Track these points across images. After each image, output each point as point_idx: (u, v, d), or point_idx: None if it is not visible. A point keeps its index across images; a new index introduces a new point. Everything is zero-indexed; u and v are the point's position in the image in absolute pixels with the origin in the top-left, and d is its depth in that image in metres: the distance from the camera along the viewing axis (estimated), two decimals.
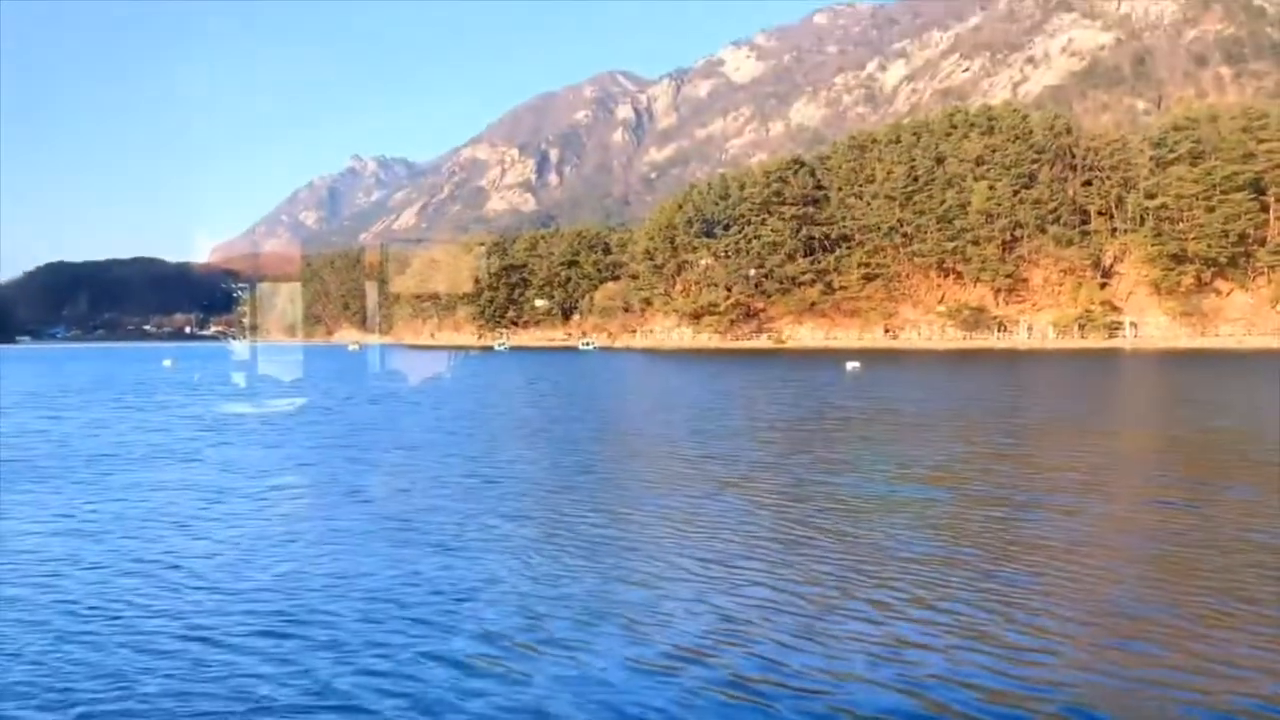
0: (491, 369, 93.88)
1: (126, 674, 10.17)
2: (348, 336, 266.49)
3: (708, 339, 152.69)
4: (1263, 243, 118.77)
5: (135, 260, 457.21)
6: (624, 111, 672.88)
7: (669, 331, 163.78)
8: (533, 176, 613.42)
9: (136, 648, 10.97)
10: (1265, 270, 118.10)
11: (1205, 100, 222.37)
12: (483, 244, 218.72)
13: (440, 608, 12.47)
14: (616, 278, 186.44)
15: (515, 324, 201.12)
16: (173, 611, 12.33)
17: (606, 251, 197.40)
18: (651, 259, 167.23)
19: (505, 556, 15.26)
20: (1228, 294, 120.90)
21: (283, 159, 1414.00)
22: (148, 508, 19.85)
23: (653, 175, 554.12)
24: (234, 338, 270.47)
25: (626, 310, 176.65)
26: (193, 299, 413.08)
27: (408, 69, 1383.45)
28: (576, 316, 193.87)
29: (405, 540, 16.51)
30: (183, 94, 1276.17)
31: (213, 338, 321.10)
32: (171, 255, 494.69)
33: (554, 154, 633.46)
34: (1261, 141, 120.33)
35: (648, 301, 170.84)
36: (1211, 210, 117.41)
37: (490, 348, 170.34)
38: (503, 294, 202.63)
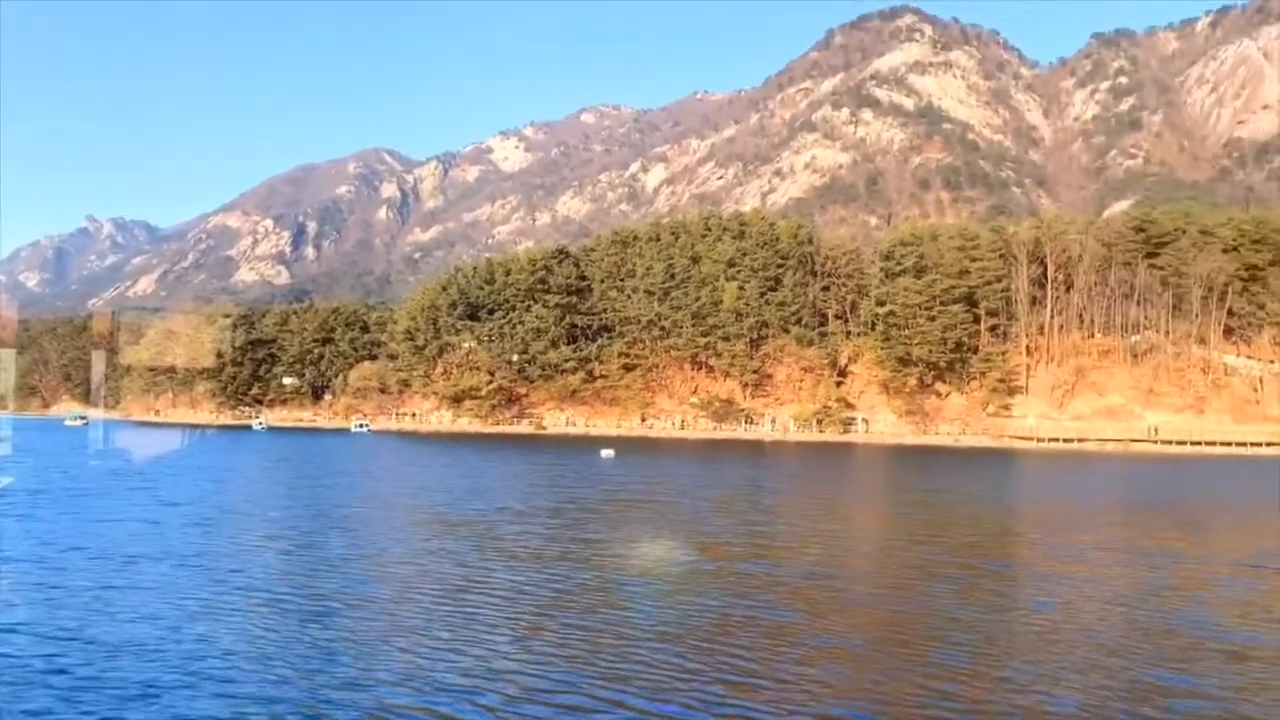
0: (262, 450, 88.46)
1: None
2: (68, 409, 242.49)
3: (468, 423, 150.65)
4: (975, 350, 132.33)
5: None
6: (389, 190, 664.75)
7: (427, 414, 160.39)
8: (288, 249, 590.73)
9: None
10: (978, 375, 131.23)
11: (928, 220, 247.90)
12: (228, 316, 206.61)
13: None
14: (374, 357, 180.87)
15: (260, 402, 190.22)
16: None
17: (364, 330, 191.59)
18: (412, 340, 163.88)
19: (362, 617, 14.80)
20: (946, 396, 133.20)
21: (4, 214, 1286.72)
22: None
23: (416, 255, 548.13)
24: None
25: (383, 391, 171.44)
26: None
27: (154, 127, 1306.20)
28: (329, 396, 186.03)
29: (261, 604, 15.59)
30: None
31: None
32: None
33: (312, 227, 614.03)
34: (974, 260, 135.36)
35: (406, 383, 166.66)
36: (932, 319, 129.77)
37: (248, 426, 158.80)
38: (248, 370, 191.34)
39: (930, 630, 16.12)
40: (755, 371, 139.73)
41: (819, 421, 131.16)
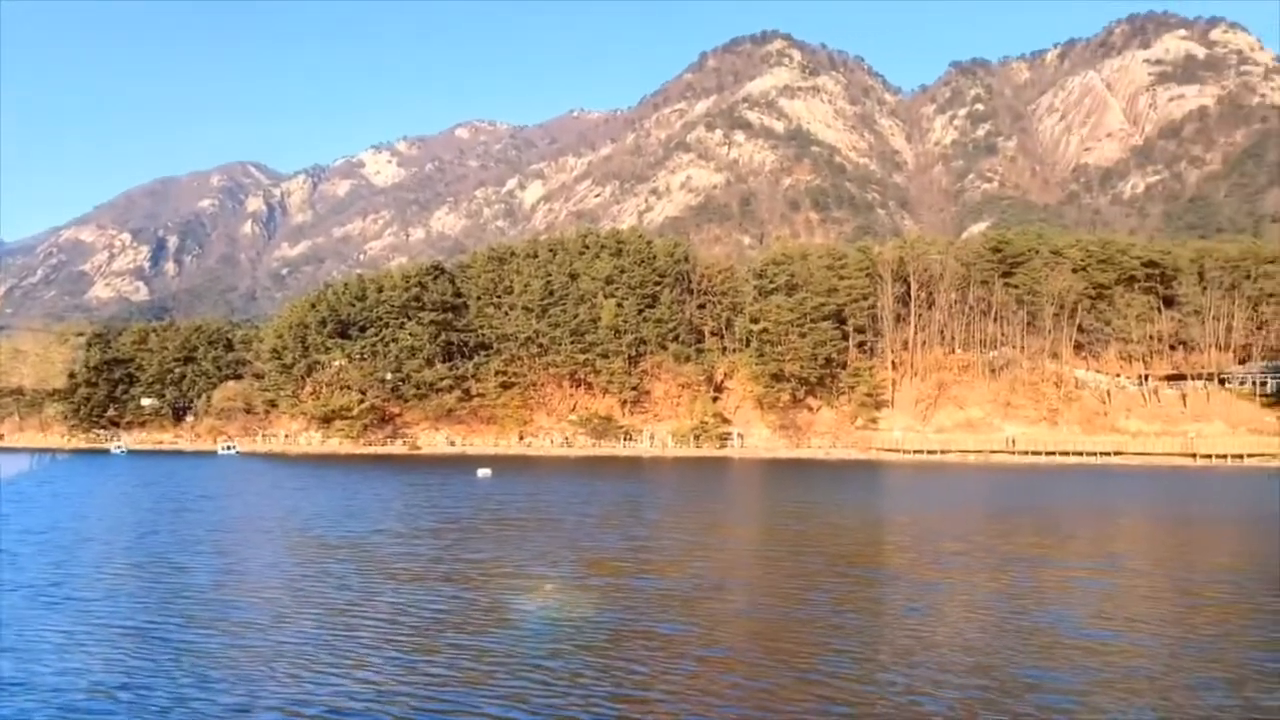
0: (123, 475, 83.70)
1: None
2: None
3: (338, 444, 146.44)
4: (844, 366, 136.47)
5: None
6: (255, 204, 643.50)
7: (296, 435, 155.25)
8: (147, 264, 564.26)
9: None
10: (847, 390, 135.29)
11: (798, 239, 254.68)
12: (81, 334, 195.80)
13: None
14: (239, 377, 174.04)
15: (116, 424, 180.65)
16: None
17: (229, 348, 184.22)
18: (280, 358, 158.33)
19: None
20: (817, 410, 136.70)
21: None
22: None
23: (284, 271, 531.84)
24: None
25: (249, 412, 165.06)
26: None
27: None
28: (190, 418, 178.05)
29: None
30: None
31: None
32: None
33: (173, 241, 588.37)
34: (842, 278, 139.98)
35: (273, 403, 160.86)
36: (803, 336, 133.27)
37: (105, 450, 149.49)
38: (103, 390, 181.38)
39: (814, 637, 16.64)
40: (634, 388, 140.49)
41: (696, 437, 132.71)
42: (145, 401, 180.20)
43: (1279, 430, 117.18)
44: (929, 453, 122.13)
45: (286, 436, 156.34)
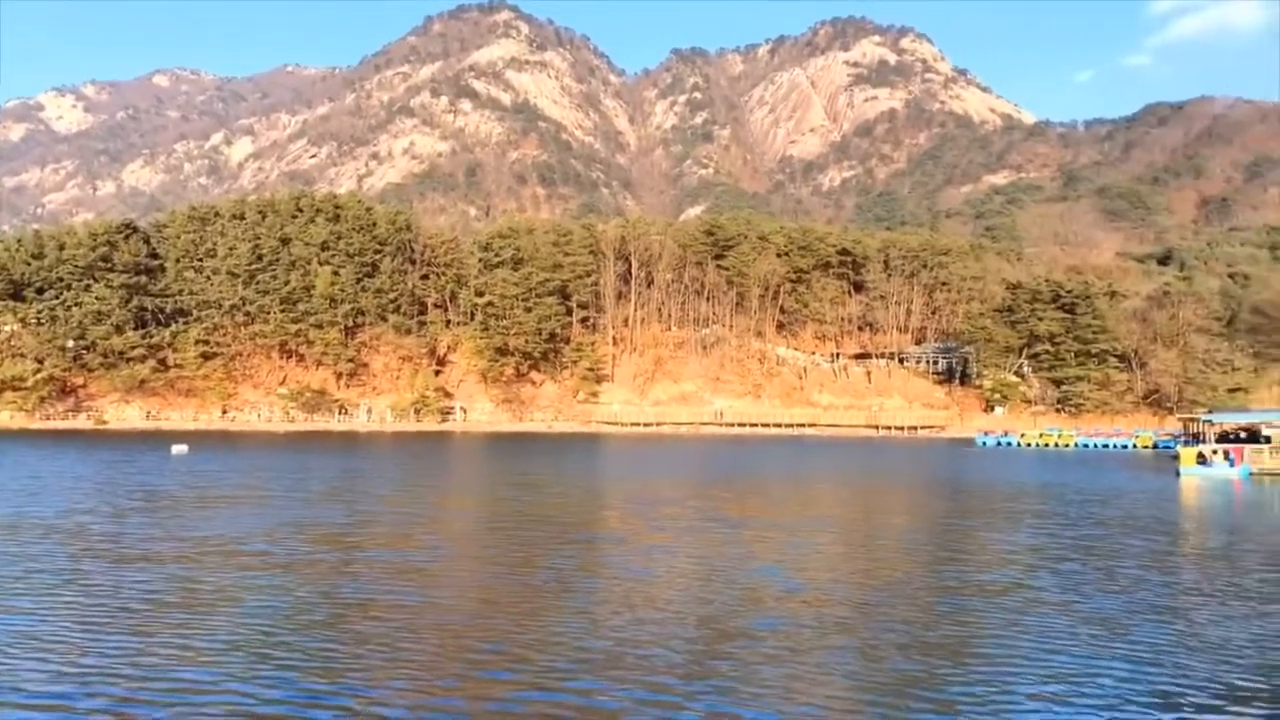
0: None
1: None
2: None
3: (9, 418, 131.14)
4: (567, 341, 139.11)
5: None
6: None
7: None
8: None
9: None
10: (569, 365, 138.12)
11: (524, 214, 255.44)
12: None
13: None
14: None
15: None
16: None
17: None
18: None
19: None
20: (541, 384, 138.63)
21: None
22: None
23: None
24: None
25: None
26: None
27: None
28: None
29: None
30: None
31: None
32: None
33: None
34: (567, 255, 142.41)
35: None
36: (529, 310, 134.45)
37: None
38: None
39: (548, 601, 17.15)
40: (350, 360, 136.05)
41: (417, 411, 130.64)
42: None
43: (947, 404, 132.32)
44: (646, 425, 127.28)
45: None
